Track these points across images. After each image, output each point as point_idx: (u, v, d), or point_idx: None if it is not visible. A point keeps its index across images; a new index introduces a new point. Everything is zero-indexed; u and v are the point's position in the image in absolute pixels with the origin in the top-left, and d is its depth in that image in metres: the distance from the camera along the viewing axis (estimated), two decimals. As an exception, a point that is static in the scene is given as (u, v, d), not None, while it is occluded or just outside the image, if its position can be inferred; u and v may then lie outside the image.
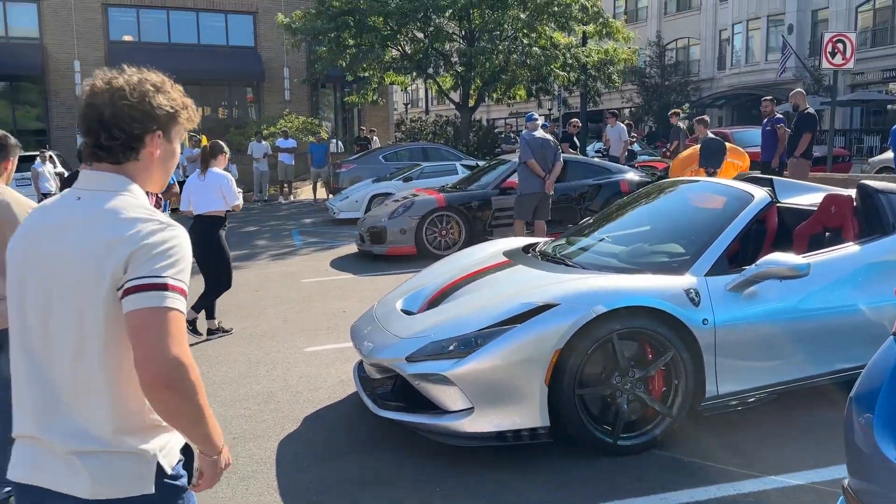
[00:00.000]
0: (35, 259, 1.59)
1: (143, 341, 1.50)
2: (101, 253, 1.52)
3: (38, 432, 1.59)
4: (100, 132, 1.61)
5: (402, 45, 20.14)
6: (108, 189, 1.61)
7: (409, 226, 9.86)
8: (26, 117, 23.03)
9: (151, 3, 22.92)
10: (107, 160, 1.64)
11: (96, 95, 1.61)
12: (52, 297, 1.56)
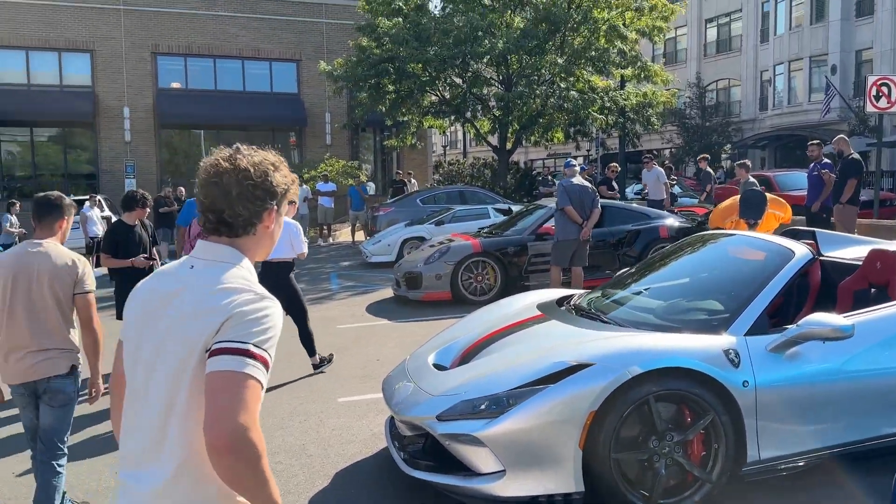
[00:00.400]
0: (148, 319, 1.73)
1: (215, 403, 1.55)
2: (201, 318, 1.63)
3: (128, 478, 1.72)
4: (224, 209, 1.73)
5: (440, 90, 20.44)
6: (221, 260, 1.74)
7: (444, 271, 9.85)
8: (77, 161, 23.87)
9: (199, 51, 23.72)
10: (225, 234, 1.76)
11: (222, 175, 1.74)
12: (157, 355, 1.69)
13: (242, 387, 1.56)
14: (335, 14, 24.87)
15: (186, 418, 1.64)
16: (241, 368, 1.57)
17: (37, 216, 3.78)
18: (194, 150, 25.40)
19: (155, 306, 1.74)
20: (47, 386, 3.64)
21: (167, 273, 1.81)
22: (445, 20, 19.34)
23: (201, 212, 1.78)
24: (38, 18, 21.96)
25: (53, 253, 3.67)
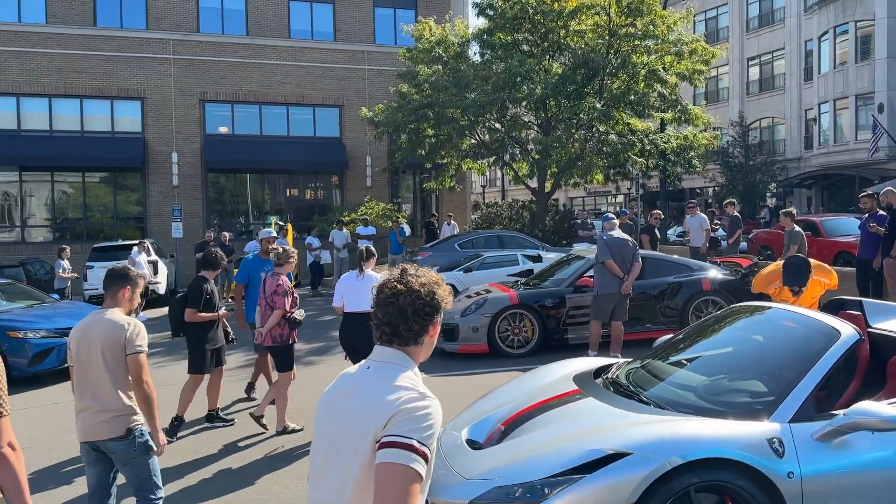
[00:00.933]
0: (332, 410, 2.08)
1: (382, 491, 1.83)
2: (372, 413, 1.93)
3: None
4: (400, 324, 2.04)
5: (479, 134, 20.61)
6: (392, 363, 2.04)
7: (481, 323, 9.80)
8: (126, 203, 24.58)
9: (245, 98, 24.40)
10: (397, 343, 2.06)
11: (398, 296, 2.04)
12: (333, 444, 2.02)
13: (406, 479, 1.83)
14: (377, 61, 25.38)
15: (355, 499, 1.92)
16: (406, 462, 1.83)
17: (105, 285, 4.09)
18: (240, 192, 25.98)
19: (335, 402, 2.08)
20: (106, 447, 3.92)
21: (347, 374, 2.16)
22: (484, 67, 19.58)
23: (378, 325, 2.07)
24: (92, 68, 22.89)
25: (109, 321, 3.94)
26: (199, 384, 7.07)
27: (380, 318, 2.06)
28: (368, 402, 1.96)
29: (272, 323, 6.69)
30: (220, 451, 6.48)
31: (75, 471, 5.96)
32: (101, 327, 3.93)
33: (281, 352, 6.83)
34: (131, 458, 3.94)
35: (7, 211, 23.56)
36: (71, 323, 9.48)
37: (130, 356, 3.91)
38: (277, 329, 6.76)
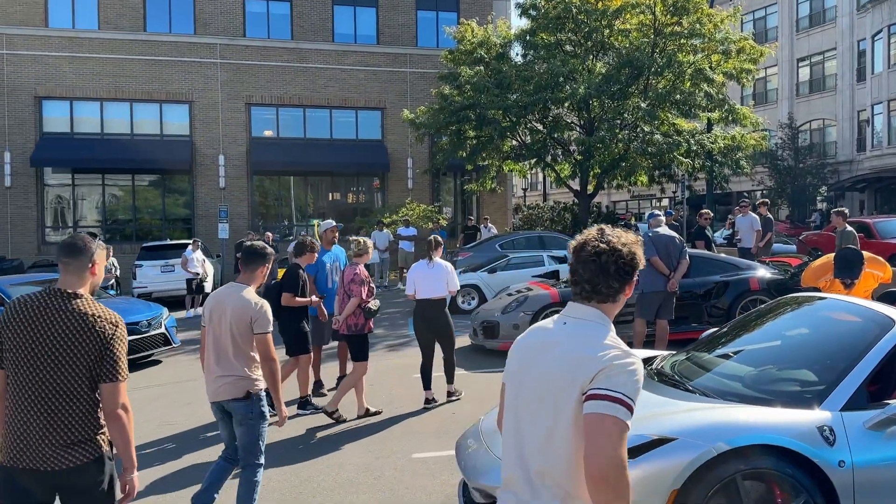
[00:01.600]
0: (528, 366, 2.15)
1: (593, 440, 1.91)
2: (578, 367, 1.99)
3: (509, 497, 2.14)
4: (601, 282, 2.10)
5: (520, 135, 20.52)
6: (589, 319, 2.10)
7: (522, 321, 9.72)
8: (175, 205, 25.15)
9: (290, 102, 24.76)
10: (595, 299, 2.12)
11: (601, 254, 2.10)
12: (537, 396, 2.08)
13: (616, 430, 1.91)
14: (419, 64, 25.51)
15: (564, 449, 2.00)
16: (615, 414, 1.91)
17: (244, 262, 4.47)
18: (284, 195, 26.35)
19: (533, 355, 2.15)
20: (229, 406, 4.33)
21: (542, 328, 2.22)
22: (526, 67, 19.51)
23: (577, 282, 2.14)
24: (142, 73, 23.50)
25: (241, 297, 4.32)
26: (308, 363, 7.40)
27: (580, 276, 2.13)
28: (573, 357, 2.02)
29: (349, 311, 6.93)
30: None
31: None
32: (233, 301, 4.31)
33: (356, 341, 7.04)
34: (247, 419, 4.29)
35: (60, 213, 24.32)
36: (128, 317, 9.67)
37: (258, 335, 4.29)
38: (353, 318, 6.99)
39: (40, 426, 2.82)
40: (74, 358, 2.84)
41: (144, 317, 10.38)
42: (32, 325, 2.86)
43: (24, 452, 2.82)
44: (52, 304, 2.89)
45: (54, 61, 22.86)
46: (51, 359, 2.83)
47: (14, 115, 22.57)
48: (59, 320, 2.86)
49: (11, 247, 22.17)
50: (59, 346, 2.84)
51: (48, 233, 23.71)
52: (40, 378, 2.83)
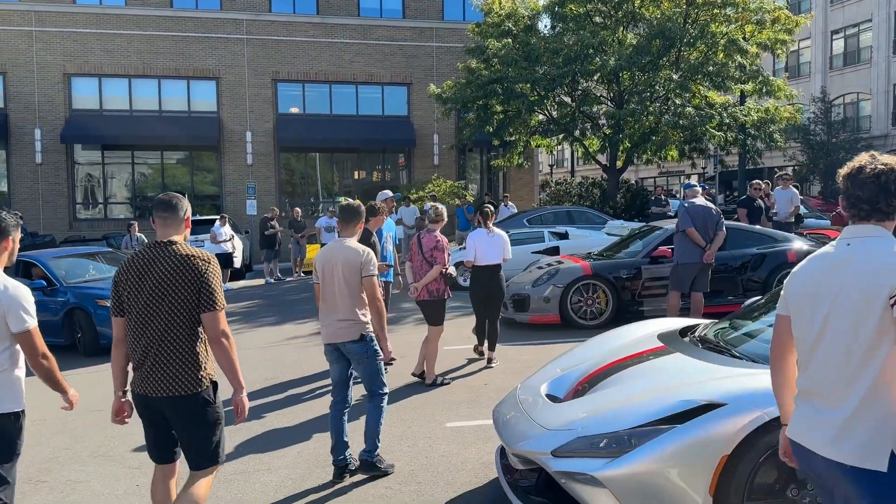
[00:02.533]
0: (820, 285, 2.24)
1: None
2: (880, 276, 2.10)
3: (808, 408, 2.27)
4: (881, 200, 2.22)
5: (548, 109, 20.23)
6: (875, 235, 2.22)
7: (552, 294, 9.61)
8: (203, 182, 25.28)
9: (316, 78, 24.66)
10: (874, 218, 2.24)
11: (880, 175, 2.22)
12: (832, 313, 2.19)
13: None
14: (445, 38, 25.23)
15: (870, 358, 2.10)
16: None
17: (342, 219, 5.01)
18: (310, 172, 26.35)
19: (823, 277, 2.25)
20: (345, 348, 4.78)
21: (822, 254, 2.32)
22: (555, 39, 19.17)
23: (855, 204, 2.25)
24: (169, 49, 23.53)
25: (348, 247, 4.82)
26: None
27: (858, 197, 2.24)
28: (874, 266, 2.13)
29: (432, 276, 7.06)
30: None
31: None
32: (342, 252, 4.79)
33: (436, 306, 7.20)
34: (364, 357, 4.78)
35: (91, 190, 24.58)
36: None
37: (365, 278, 4.75)
38: (434, 284, 7.13)
39: (155, 360, 3.30)
40: (179, 294, 3.29)
41: None
42: (142, 274, 3.34)
43: (146, 382, 3.33)
44: (155, 254, 3.36)
45: (82, 38, 22.96)
46: (160, 299, 3.30)
47: (44, 93, 22.76)
48: (163, 265, 3.31)
49: (43, 223, 22.45)
50: (166, 286, 3.29)
51: (79, 209, 23.99)
52: (154, 318, 3.30)
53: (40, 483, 5.10)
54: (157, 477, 3.53)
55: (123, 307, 3.41)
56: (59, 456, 5.65)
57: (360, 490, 4.64)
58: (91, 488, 4.96)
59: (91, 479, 5.12)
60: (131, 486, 4.94)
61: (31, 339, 3.32)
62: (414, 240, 7.36)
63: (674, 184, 46.26)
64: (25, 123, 22.67)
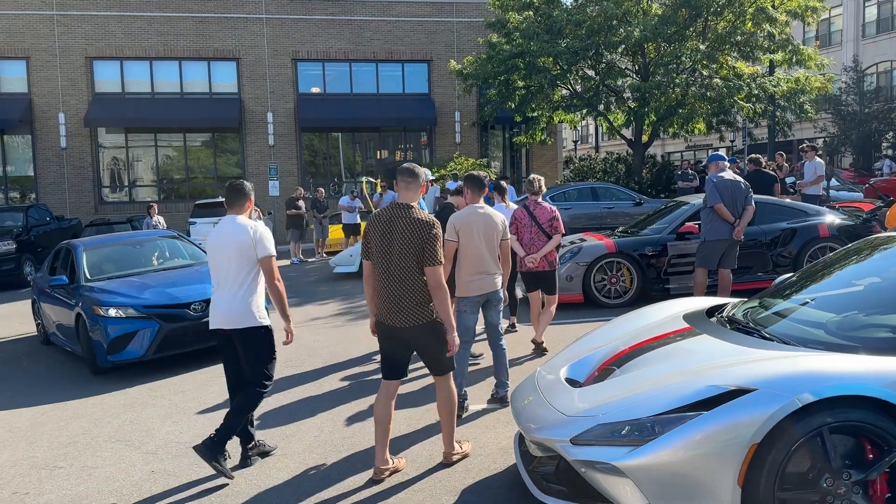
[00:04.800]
0: None
1: None
2: None
3: None
4: None
5: (571, 83, 19.85)
6: None
7: (575, 273, 9.40)
8: (226, 164, 25.31)
9: (336, 56, 24.46)
10: None
11: None
12: None
13: None
14: (465, 12, 24.84)
15: None
16: None
17: (471, 191, 5.58)
18: (332, 152, 26.25)
19: None
20: (490, 297, 5.53)
21: None
22: (578, 11, 18.75)
23: None
24: (189, 30, 23.46)
25: (488, 213, 5.50)
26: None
27: None
28: None
29: (553, 245, 7.15)
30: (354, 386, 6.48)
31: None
32: (483, 218, 5.44)
33: (553, 275, 7.31)
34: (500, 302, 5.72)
35: (117, 173, 24.75)
36: (165, 298, 7.71)
37: (503, 241, 5.54)
38: (552, 253, 7.20)
39: (394, 297, 4.26)
40: (410, 247, 4.21)
41: (197, 296, 7.82)
42: (387, 228, 4.27)
43: (388, 314, 4.28)
44: (396, 213, 4.28)
45: (103, 21, 22.97)
46: (398, 249, 4.23)
47: (66, 77, 22.87)
48: (402, 223, 4.24)
49: (69, 206, 22.67)
50: (402, 240, 4.22)
51: (105, 193, 24.18)
52: (393, 263, 4.24)
53: (56, 469, 5.08)
54: (382, 395, 4.41)
55: (371, 252, 4.33)
56: (78, 441, 5.63)
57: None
58: (107, 474, 4.92)
59: (107, 465, 5.09)
60: (147, 472, 4.90)
61: (270, 263, 4.70)
62: (521, 212, 7.25)
63: (701, 157, 45.42)
64: (49, 108, 22.83)
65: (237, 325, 4.63)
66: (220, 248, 4.71)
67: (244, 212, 4.85)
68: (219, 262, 4.74)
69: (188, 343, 7.77)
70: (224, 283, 4.70)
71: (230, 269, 4.67)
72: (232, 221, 4.75)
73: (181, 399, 6.60)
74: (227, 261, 4.68)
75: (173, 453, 5.22)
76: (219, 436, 4.58)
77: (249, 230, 4.66)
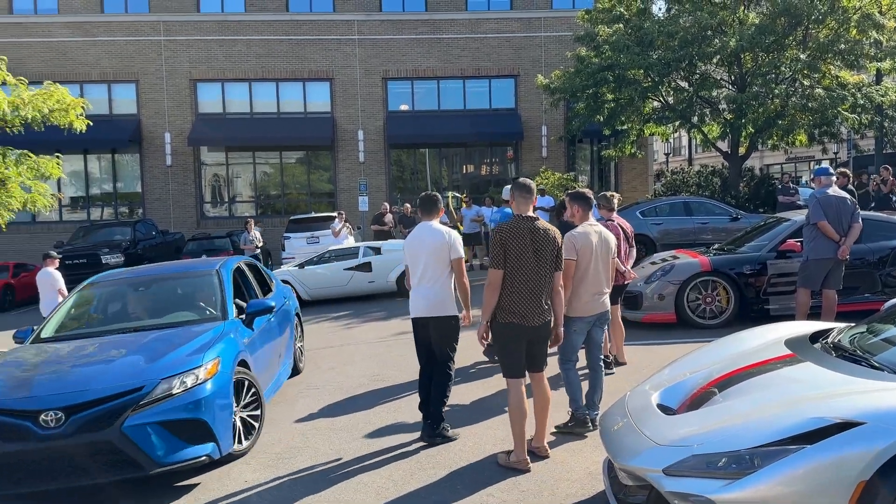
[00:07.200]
0: None
1: None
2: None
3: None
4: None
5: (663, 95, 19.39)
6: None
7: (667, 291, 9.13)
8: (319, 181, 26.12)
9: (424, 74, 24.85)
10: None
11: None
12: None
13: None
14: (554, 27, 24.75)
15: None
16: None
17: (580, 208, 5.62)
18: (419, 167, 26.63)
19: None
20: (601, 316, 5.55)
21: None
22: (670, 22, 18.32)
23: None
24: (286, 53, 24.41)
25: (603, 231, 5.62)
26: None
27: None
28: None
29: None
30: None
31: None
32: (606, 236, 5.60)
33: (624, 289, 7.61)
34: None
35: (217, 189, 25.96)
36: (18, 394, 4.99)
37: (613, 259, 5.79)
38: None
39: (538, 299, 4.76)
40: (549, 254, 4.78)
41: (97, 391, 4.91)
42: (530, 238, 4.73)
43: (531, 316, 4.75)
44: (530, 224, 4.76)
45: (206, 45, 24.21)
46: (540, 256, 4.74)
47: (172, 98, 24.20)
48: (540, 233, 4.75)
49: (173, 221, 23.93)
50: (543, 248, 4.75)
51: (206, 208, 25.38)
52: (535, 269, 4.75)
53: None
54: (521, 387, 4.85)
55: (509, 260, 4.70)
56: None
57: (463, 500, 4.52)
58: (201, 479, 5.12)
59: (208, 470, 5.29)
60: (239, 482, 5.06)
61: (461, 264, 5.49)
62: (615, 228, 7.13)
63: (802, 171, 43.34)
64: (156, 128, 24.22)
65: (435, 313, 5.46)
66: (419, 249, 5.50)
67: (435, 218, 5.64)
68: (418, 261, 5.51)
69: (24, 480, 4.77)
70: (423, 278, 5.48)
71: (428, 267, 5.45)
72: (429, 227, 5.56)
73: (276, 410, 6.80)
74: (424, 260, 5.45)
75: (265, 463, 5.38)
76: (432, 423, 5.54)
77: (445, 235, 5.47)
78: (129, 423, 4.74)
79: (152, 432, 4.79)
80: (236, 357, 5.64)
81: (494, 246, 4.71)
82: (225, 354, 5.50)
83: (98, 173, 25.46)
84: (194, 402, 4.98)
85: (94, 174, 25.38)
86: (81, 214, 25.03)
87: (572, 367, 5.53)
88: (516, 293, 4.72)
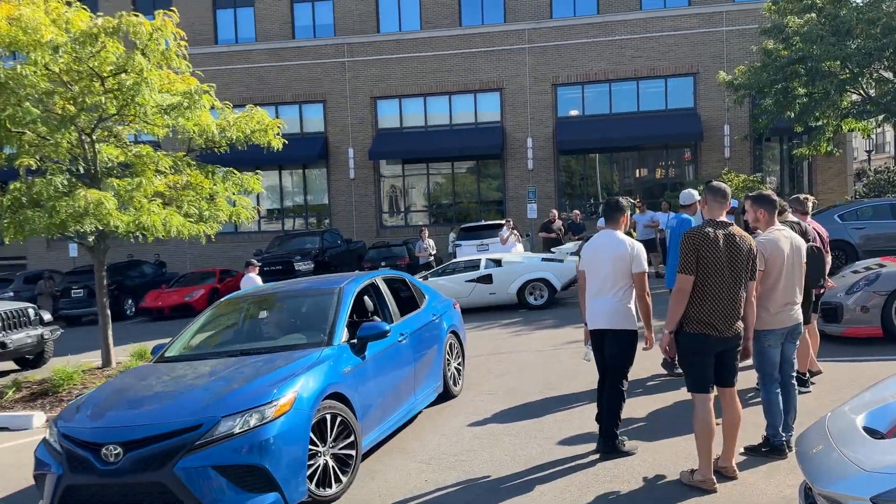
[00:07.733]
0: None
1: None
2: None
3: None
4: None
5: (863, 87, 17.66)
6: None
7: (872, 303, 8.29)
8: (489, 189, 26.56)
9: (595, 78, 24.46)
10: None
11: None
12: None
13: None
14: (736, 20, 23.37)
15: None
16: None
17: (766, 212, 5.17)
18: (589, 173, 26.23)
19: None
20: (794, 329, 5.14)
21: None
22: (870, 8, 16.68)
23: None
24: (458, 66, 25.08)
25: (794, 237, 5.13)
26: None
27: None
28: None
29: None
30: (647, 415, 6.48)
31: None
32: (799, 244, 5.15)
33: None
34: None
35: (394, 200, 27.23)
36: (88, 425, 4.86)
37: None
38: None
39: (734, 309, 4.54)
40: (744, 263, 4.56)
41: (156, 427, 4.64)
42: (726, 245, 4.51)
43: (724, 326, 4.52)
44: (726, 231, 4.53)
45: (385, 63, 25.49)
46: (737, 264, 4.52)
47: (355, 115, 25.73)
48: (736, 240, 4.54)
49: (356, 230, 25.40)
50: (739, 255, 4.53)
51: (385, 218, 26.69)
52: (730, 277, 4.51)
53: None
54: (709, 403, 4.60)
55: (699, 268, 4.49)
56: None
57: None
58: (386, 478, 5.39)
59: (387, 470, 5.57)
60: (420, 482, 5.27)
61: (643, 279, 5.25)
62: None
63: None
64: (341, 144, 25.86)
65: (614, 325, 5.26)
66: (599, 259, 5.31)
67: (620, 227, 5.39)
68: (597, 271, 5.33)
69: None
70: (603, 289, 5.29)
71: (608, 278, 5.25)
72: (611, 235, 5.35)
73: (444, 414, 7.00)
74: (604, 271, 5.27)
75: (444, 465, 5.55)
76: (606, 438, 5.37)
77: (628, 246, 5.24)
78: (181, 465, 4.37)
79: (207, 476, 4.37)
80: (324, 390, 5.00)
81: (685, 250, 4.49)
82: (307, 388, 4.90)
83: (290, 187, 27.65)
84: (254, 446, 4.45)
85: (287, 188, 27.59)
86: (276, 225, 27.27)
87: (773, 387, 5.13)
88: (708, 302, 4.49)
